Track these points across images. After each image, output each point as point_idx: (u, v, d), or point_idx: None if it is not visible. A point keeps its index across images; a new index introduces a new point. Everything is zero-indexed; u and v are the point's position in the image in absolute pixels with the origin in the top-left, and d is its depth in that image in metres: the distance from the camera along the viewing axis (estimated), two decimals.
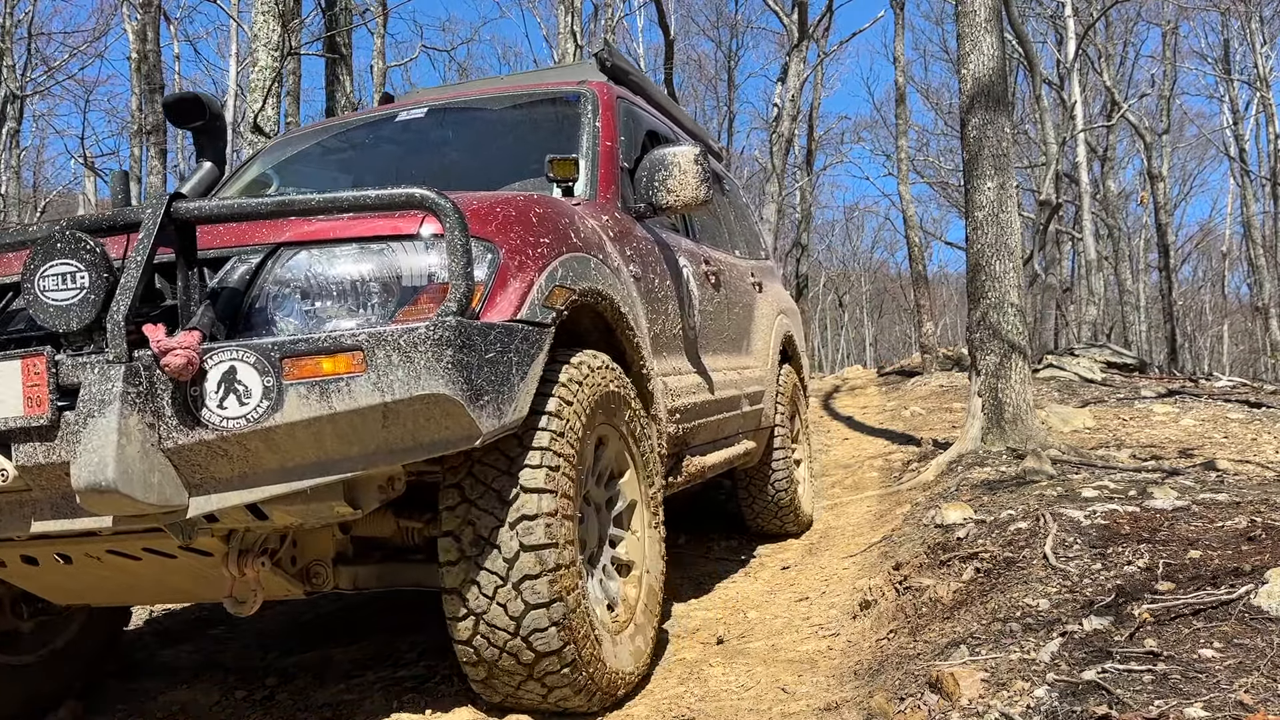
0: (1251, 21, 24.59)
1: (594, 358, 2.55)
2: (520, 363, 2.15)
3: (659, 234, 3.44)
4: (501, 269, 2.20)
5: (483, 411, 2.02)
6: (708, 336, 3.78)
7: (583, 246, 2.59)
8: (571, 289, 2.42)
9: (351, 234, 2.12)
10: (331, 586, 2.42)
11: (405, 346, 1.94)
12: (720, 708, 2.50)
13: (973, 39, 5.94)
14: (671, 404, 3.18)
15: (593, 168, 3.26)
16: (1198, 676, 1.91)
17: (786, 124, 14.96)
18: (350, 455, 1.98)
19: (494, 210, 2.32)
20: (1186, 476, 4.27)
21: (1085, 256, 20.72)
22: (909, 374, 13.40)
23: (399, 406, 1.94)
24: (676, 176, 3.22)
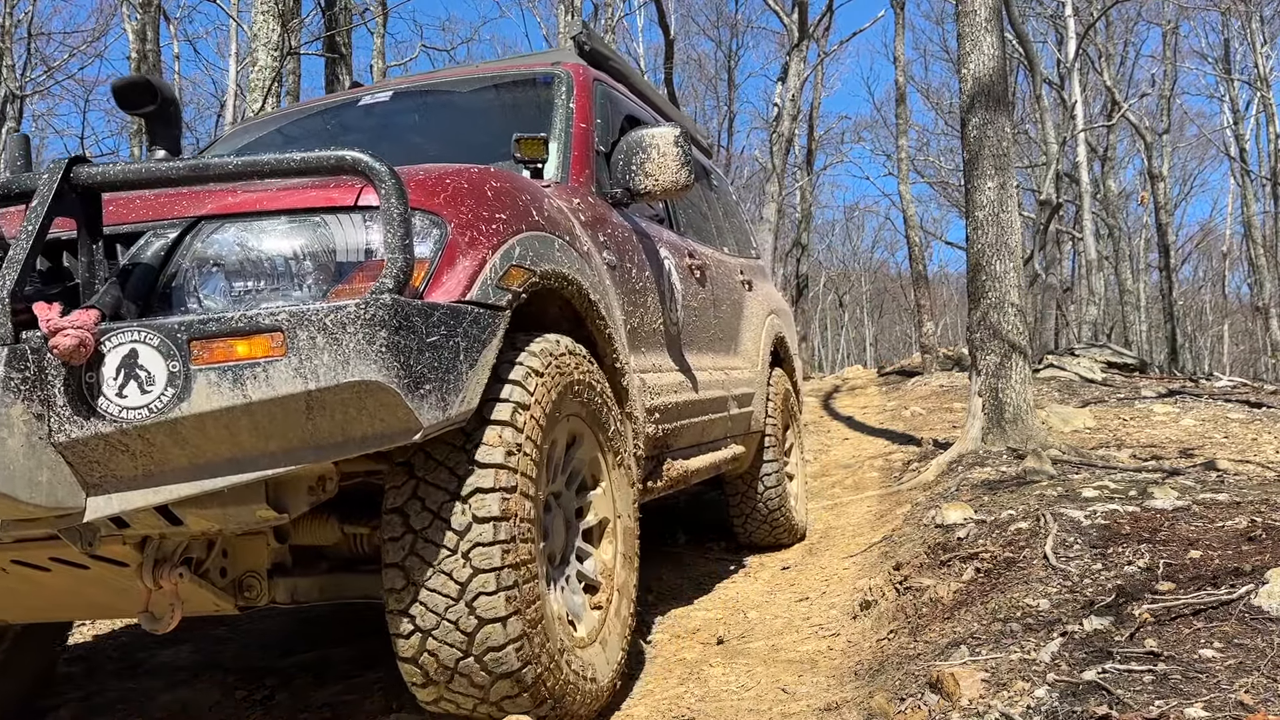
0: (1252, 21, 24.58)
1: (558, 343, 2.34)
2: (469, 348, 1.94)
3: (638, 223, 3.24)
4: (450, 245, 1.99)
5: (424, 402, 1.80)
6: (692, 334, 3.58)
7: (546, 226, 2.38)
8: (531, 270, 2.20)
9: (281, 206, 1.92)
10: (267, 601, 2.20)
11: (332, 327, 1.72)
12: (720, 708, 2.50)
13: (973, 39, 5.94)
14: (650, 402, 2.98)
15: (565, 150, 3.06)
16: (1198, 676, 1.91)
17: (787, 124, 14.96)
18: (271, 451, 1.76)
19: (443, 182, 2.11)
20: (1187, 476, 4.27)
21: (1085, 256, 20.73)
22: (909, 374, 13.40)
23: (325, 395, 1.73)
24: (655, 159, 3.02)
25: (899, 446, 7.26)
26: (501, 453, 2.01)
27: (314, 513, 2.13)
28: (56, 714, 2.81)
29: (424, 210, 1.99)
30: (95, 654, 3.36)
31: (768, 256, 14.58)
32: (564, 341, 2.37)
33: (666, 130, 3.04)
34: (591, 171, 3.08)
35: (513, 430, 2.05)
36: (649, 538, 4.92)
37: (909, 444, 7.28)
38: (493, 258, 2.08)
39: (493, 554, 1.95)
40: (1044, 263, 20.60)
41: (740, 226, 5.30)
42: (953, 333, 43.47)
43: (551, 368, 2.25)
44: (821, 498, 5.95)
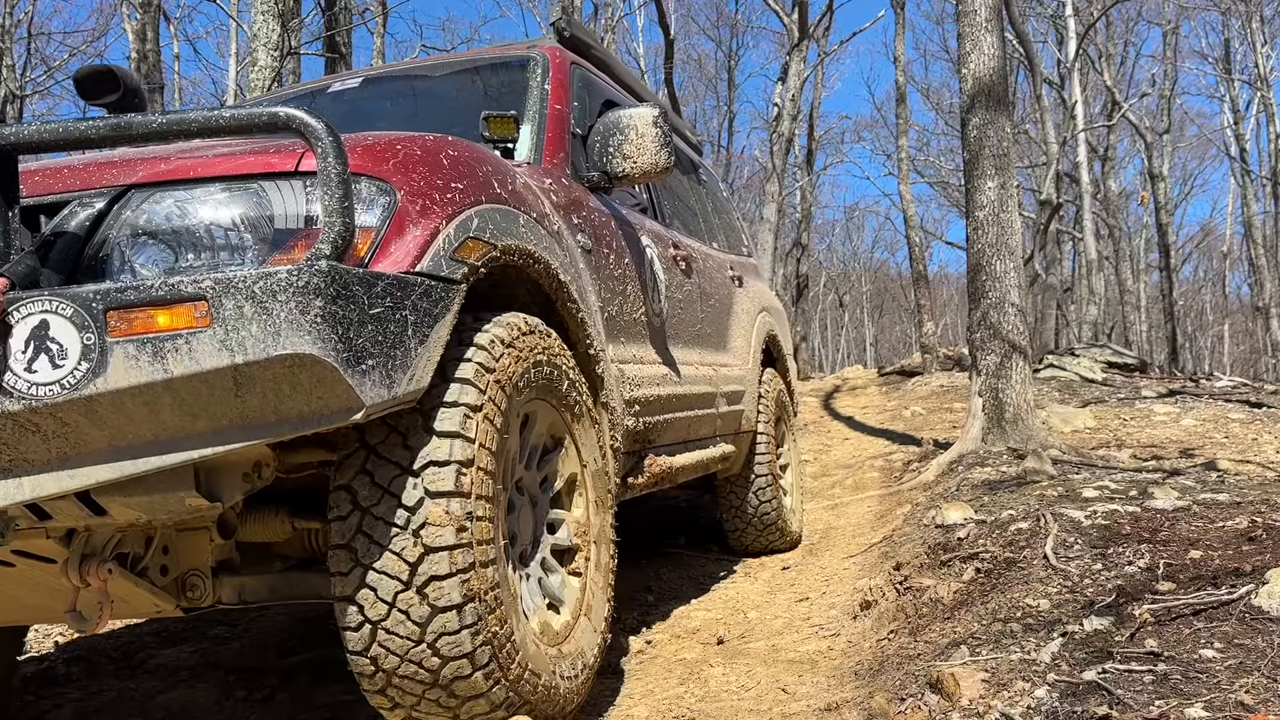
0: (1252, 21, 24.58)
1: (525, 321, 2.22)
2: (419, 323, 1.82)
3: (618, 210, 3.14)
4: (399, 213, 1.88)
5: (365, 379, 1.68)
6: (677, 327, 3.48)
7: (510, 201, 2.26)
8: (490, 244, 2.08)
9: (216, 172, 1.81)
10: (211, 601, 2.08)
11: (261, 295, 1.59)
12: (720, 708, 2.50)
13: (973, 38, 5.94)
14: (630, 394, 2.86)
15: (538, 131, 2.96)
16: (1198, 677, 1.91)
17: (787, 124, 14.96)
18: (198, 432, 1.64)
19: (393, 148, 1.99)
20: (1187, 476, 4.27)
21: (1086, 256, 20.73)
22: (909, 374, 13.40)
23: (254, 370, 1.60)
24: (633, 141, 2.90)
25: (899, 446, 7.26)
26: (458, 422, 1.89)
27: (263, 507, 2.06)
28: (57, 714, 2.81)
29: (371, 176, 1.89)
30: (95, 654, 3.36)
31: (767, 256, 14.57)
32: (530, 320, 2.25)
33: (644, 110, 2.93)
34: (567, 154, 2.98)
35: (471, 404, 1.93)
36: (649, 538, 4.94)
37: (909, 444, 7.28)
38: (446, 228, 1.96)
39: (446, 532, 1.83)
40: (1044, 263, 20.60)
41: (731, 223, 5.21)
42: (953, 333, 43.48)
43: (515, 346, 2.13)
44: (822, 498, 5.95)
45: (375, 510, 1.84)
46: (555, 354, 2.31)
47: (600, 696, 2.69)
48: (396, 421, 1.89)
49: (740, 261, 4.84)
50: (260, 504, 2.07)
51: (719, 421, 3.83)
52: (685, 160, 4.66)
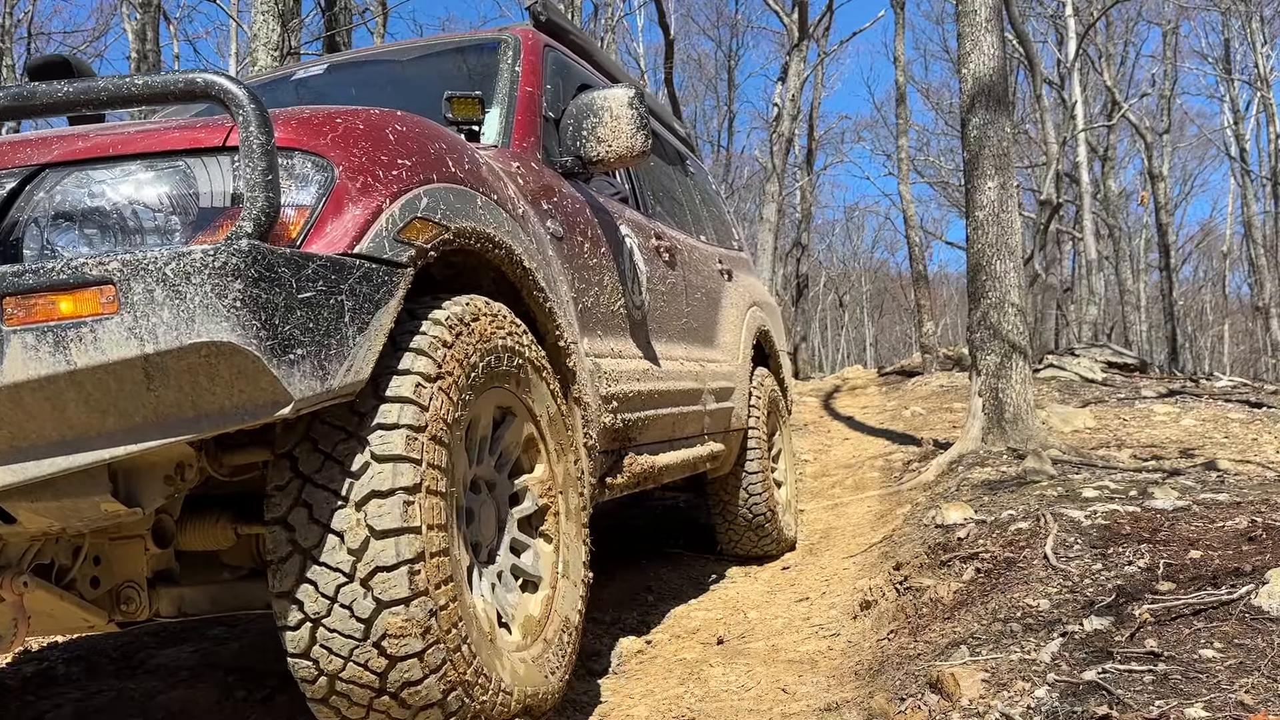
0: (1252, 21, 24.58)
1: (486, 304, 2.10)
2: (358, 309, 1.68)
3: (594, 198, 3.02)
4: (337, 191, 1.74)
5: (294, 369, 1.55)
6: (660, 320, 3.35)
7: (466, 180, 2.12)
8: (442, 225, 1.95)
9: (137, 149, 1.68)
10: (148, 615, 1.94)
11: (173, 278, 1.46)
12: (720, 708, 2.50)
13: (973, 38, 5.94)
14: (608, 390, 2.74)
15: (507, 113, 2.83)
16: (1198, 677, 1.91)
17: (787, 123, 14.96)
18: (107, 430, 1.51)
19: (332, 121, 1.86)
20: (1187, 476, 4.27)
21: (1086, 256, 20.73)
22: (909, 374, 13.40)
23: (167, 360, 1.47)
24: (607, 124, 2.77)
25: (899, 446, 7.26)
26: (410, 388, 1.78)
27: (203, 513, 1.95)
28: (56, 714, 2.81)
29: (307, 151, 1.76)
30: (95, 654, 3.36)
31: (768, 256, 14.57)
32: (491, 304, 2.12)
33: (619, 91, 2.80)
34: (538, 138, 2.86)
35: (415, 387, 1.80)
36: (650, 539, 4.94)
37: (909, 444, 7.28)
38: (391, 207, 1.83)
39: (393, 509, 1.69)
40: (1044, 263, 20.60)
41: (720, 216, 5.07)
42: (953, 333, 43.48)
43: (475, 326, 2.01)
44: (822, 497, 5.95)
45: (317, 478, 1.72)
46: (517, 339, 2.18)
47: (600, 696, 2.69)
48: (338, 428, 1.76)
49: (730, 255, 4.72)
50: (201, 510, 1.95)
51: (707, 419, 3.71)
52: (671, 151, 4.59)
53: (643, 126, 2.79)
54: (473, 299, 2.06)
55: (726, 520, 4.26)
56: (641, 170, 3.80)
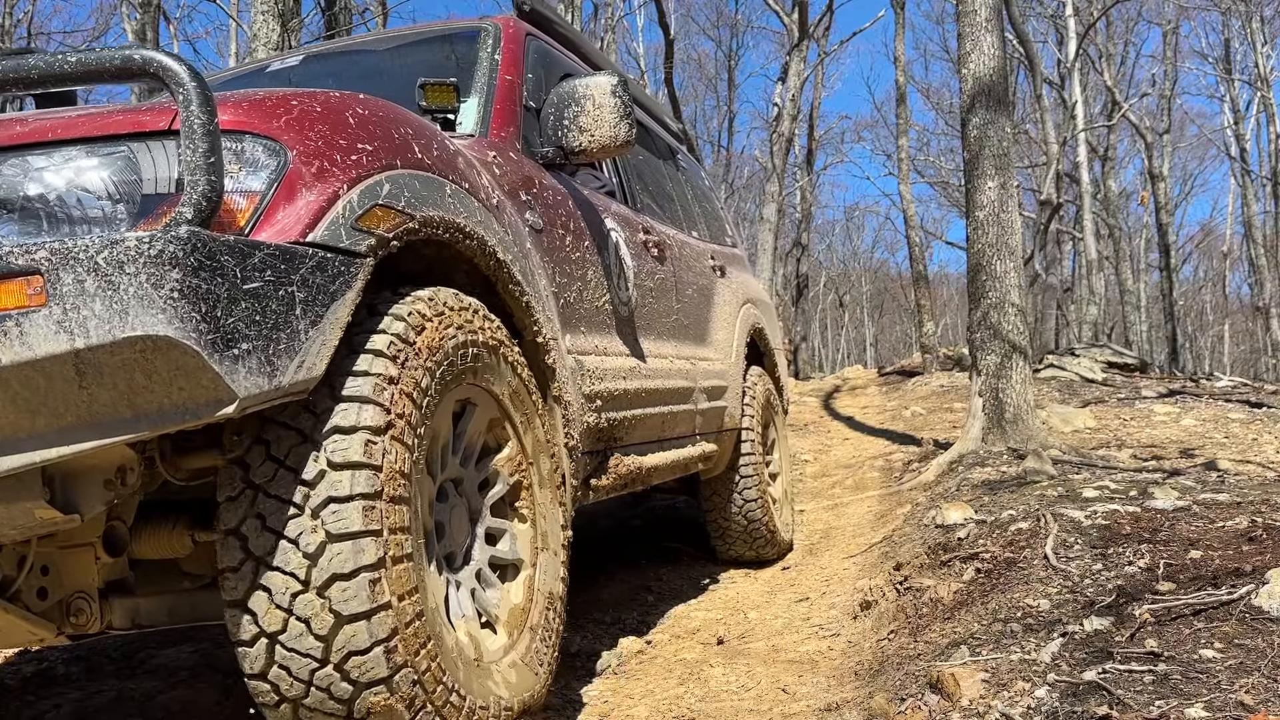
0: (1252, 21, 24.58)
1: (456, 296, 2.00)
2: (311, 301, 1.59)
3: (578, 190, 2.93)
4: (290, 176, 1.65)
5: (239, 365, 1.45)
6: (648, 317, 3.26)
7: (434, 167, 2.02)
8: (405, 214, 1.84)
9: (78, 133, 1.59)
10: (100, 627, 1.85)
11: (106, 268, 1.37)
12: (720, 708, 2.50)
13: (973, 38, 5.94)
14: (591, 388, 2.64)
15: (485, 103, 2.74)
16: (1198, 677, 1.91)
17: (787, 123, 14.96)
18: (38, 431, 1.41)
19: (286, 103, 1.76)
20: (1187, 476, 4.27)
21: (1086, 256, 20.73)
22: (909, 374, 13.39)
23: (99, 356, 1.37)
24: (590, 112, 2.68)
25: (899, 446, 7.26)
26: (369, 388, 1.68)
27: (159, 519, 1.85)
28: (56, 714, 2.81)
29: (259, 135, 1.67)
30: (94, 654, 3.36)
31: (768, 256, 14.57)
32: (461, 297, 2.03)
33: (602, 79, 2.71)
34: (518, 128, 2.76)
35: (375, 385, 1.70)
36: (650, 539, 4.94)
37: (909, 444, 7.28)
38: (349, 194, 1.73)
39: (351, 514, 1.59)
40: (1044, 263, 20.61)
41: (714, 213, 4.99)
42: (953, 333, 43.48)
43: (443, 319, 1.91)
44: (822, 498, 5.95)
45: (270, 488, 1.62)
46: (490, 333, 2.09)
47: (600, 696, 2.69)
48: None
49: (723, 251, 4.61)
50: (157, 516, 1.86)
51: (698, 418, 3.61)
52: (662, 145, 4.53)
53: (626, 115, 2.70)
54: (438, 292, 1.95)
55: (720, 524, 4.17)
56: (629, 164, 3.71)
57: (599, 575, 4.16)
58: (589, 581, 4.06)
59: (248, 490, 1.63)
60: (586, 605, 3.70)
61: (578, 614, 3.55)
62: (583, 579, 4.11)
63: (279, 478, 1.62)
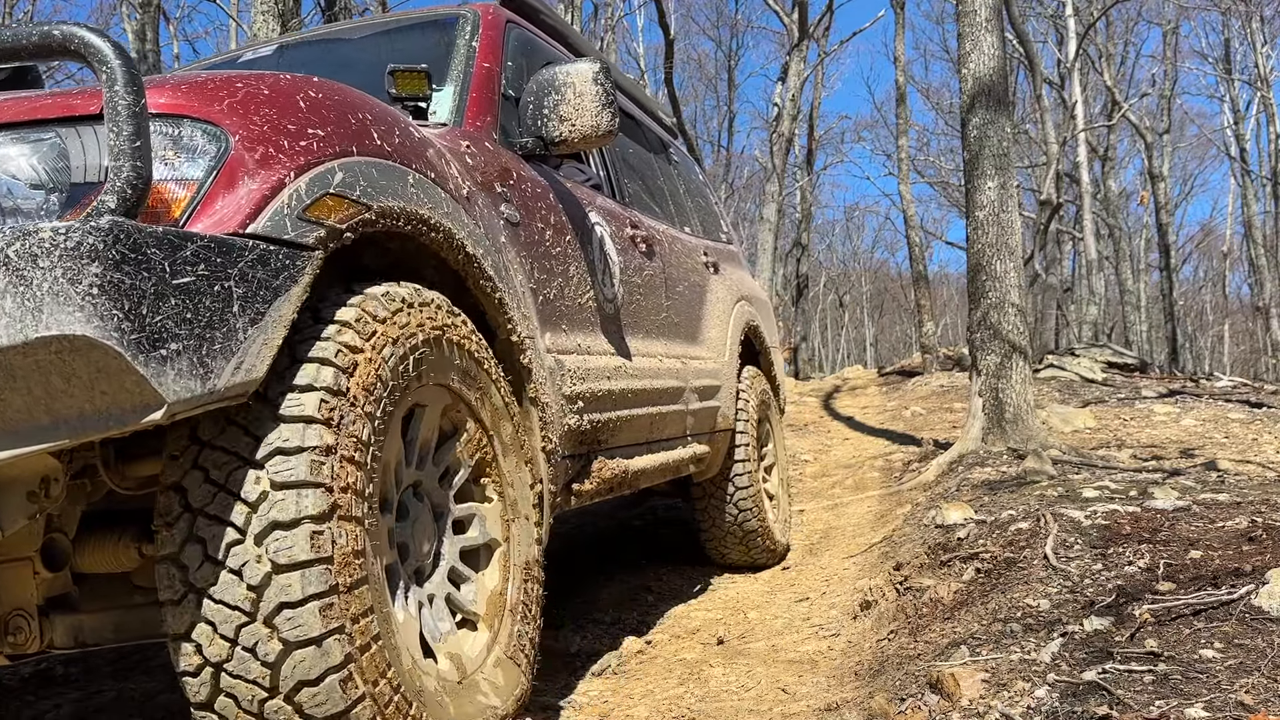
0: (1252, 21, 24.59)
1: (417, 292, 1.89)
2: (251, 297, 1.47)
3: (560, 183, 2.83)
4: (231, 162, 1.54)
5: (167, 367, 1.33)
6: (636, 315, 3.16)
7: (395, 155, 1.91)
8: (360, 204, 1.73)
9: (3, 118, 1.52)
10: (40, 647, 1.75)
11: (17, 261, 1.26)
12: (720, 708, 2.50)
13: (973, 38, 5.94)
14: (572, 389, 2.54)
15: (461, 92, 2.64)
16: (1198, 677, 1.91)
17: (787, 123, 14.96)
18: None
19: (230, 85, 1.65)
20: (1187, 477, 4.27)
21: (1086, 256, 20.74)
22: (909, 374, 13.40)
23: (11, 358, 1.27)
24: (570, 101, 2.58)
25: (899, 446, 7.26)
26: (313, 406, 1.55)
27: (104, 531, 1.75)
28: (56, 714, 2.81)
29: (198, 119, 1.56)
30: (94, 654, 3.36)
31: (768, 256, 14.57)
32: (429, 293, 1.92)
33: (583, 66, 2.60)
34: (495, 117, 2.66)
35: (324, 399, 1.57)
36: (650, 539, 4.94)
37: (909, 444, 7.28)
38: (296, 181, 1.62)
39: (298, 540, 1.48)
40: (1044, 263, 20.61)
41: (708, 208, 4.86)
42: (953, 333, 43.50)
43: (401, 317, 1.79)
44: (822, 497, 5.95)
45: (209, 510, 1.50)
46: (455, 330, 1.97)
47: (600, 696, 2.69)
48: None
49: (717, 247, 4.50)
50: (101, 527, 1.75)
51: (690, 419, 3.50)
52: (653, 138, 4.44)
53: (608, 104, 2.59)
54: (392, 289, 1.83)
55: (713, 527, 4.07)
56: (618, 157, 3.61)
57: (599, 575, 4.17)
58: (589, 581, 4.06)
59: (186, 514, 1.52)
60: (586, 605, 3.70)
61: (578, 614, 3.55)
62: (583, 579, 4.11)
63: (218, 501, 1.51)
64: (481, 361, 2.08)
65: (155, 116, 1.51)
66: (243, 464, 1.51)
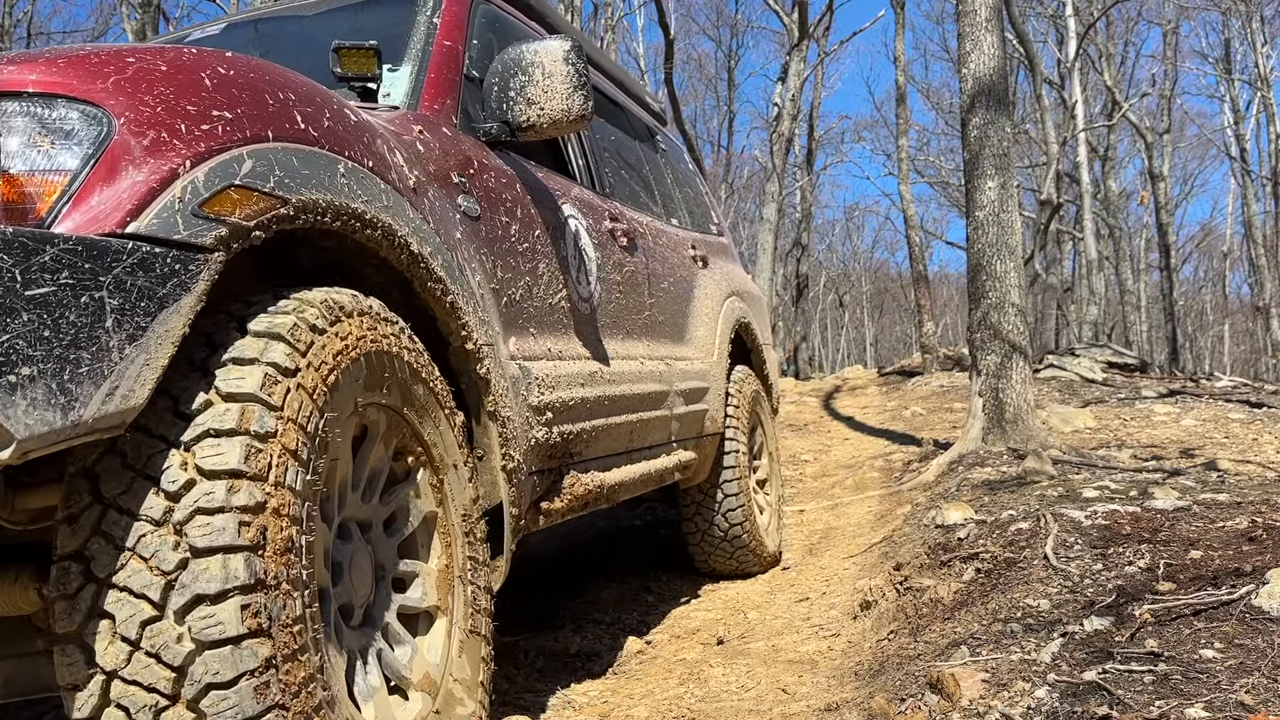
0: (1252, 21, 24.59)
1: (357, 299, 1.68)
2: (129, 309, 1.26)
3: (530, 172, 2.62)
4: (113, 149, 1.34)
5: (18, 397, 1.13)
6: (614, 314, 2.97)
7: (324, 141, 1.68)
8: (275, 197, 1.50)
9: None
10: None
11: None
12: (720, 708, 2.50)
13: (973, 38, 5.94)
14: (541, 398, 2.33)
15: (418, 71, 2.43)
16: (1198, 677, 1.91)
17: (787, 123, 14.96)
18: None
19: (119, 60, 1.44)
20: (1187, 476, 4.27)
21: (1086, 256, 20.74)
22: (910, 374, 13.40)
23: None
24: (539, 82, 2.38)
25: (899, 446, 7.26)
26: (236, 455, 1.34)
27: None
28: (56, 714, 2.81)
29: (75, 98, 1.35)
30: None
31: (768, 256, 14.57)
32: (367, 301, 1.71)
33: (553, 43, 2.41)
34: (455, 100, 2.45)
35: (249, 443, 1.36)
36: (650, 539, 4.94)
37: (909, 444, 7.28)
38: (192, 172, 1.39)
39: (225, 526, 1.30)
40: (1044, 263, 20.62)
41: (698, 199, 4.63)
42: (953, 333, 43.50)
43: (336, 330, 1.57)
44: (822, 497, 5.95)
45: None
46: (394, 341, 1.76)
47: (600, 696, 2.69)
48: None
49: (705, 240, 4.30)
50: None
51: (674, 424, 3.33)
52: (639, 125, 4.22)
53: (580, 85, 2.39)
54: (331, 295, 1.60)
55: (701, 536, 3.93)
56: (599, 144, 3.40)
57: (599, 575, 4.16)
58: (589, 581, 4.06)
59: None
60: (586, 605, 3.70)
61: (578, 614, 3.55)
62: (583, 579, 4.11)
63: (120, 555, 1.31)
64: (428, 380, 1.87)
65: (24, 96, 1.33)
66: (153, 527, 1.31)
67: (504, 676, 2.82)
